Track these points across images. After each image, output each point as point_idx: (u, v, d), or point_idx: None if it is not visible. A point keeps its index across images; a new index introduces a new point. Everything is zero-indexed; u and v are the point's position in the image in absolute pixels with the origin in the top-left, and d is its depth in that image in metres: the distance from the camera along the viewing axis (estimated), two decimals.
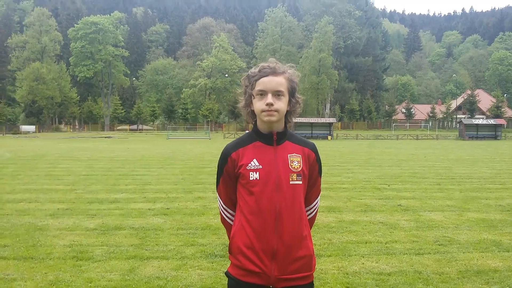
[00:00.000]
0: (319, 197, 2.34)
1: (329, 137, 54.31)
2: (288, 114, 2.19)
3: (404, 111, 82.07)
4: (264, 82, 2.09)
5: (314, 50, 79.25)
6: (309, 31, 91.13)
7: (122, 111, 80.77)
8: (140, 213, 7.94)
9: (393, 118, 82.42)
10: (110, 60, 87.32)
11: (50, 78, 75.69)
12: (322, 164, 2.29)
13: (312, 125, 54.97)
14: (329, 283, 4.53)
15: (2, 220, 7.30)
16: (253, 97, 2.14)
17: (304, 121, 57.32)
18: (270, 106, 2.06)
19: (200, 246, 5.80)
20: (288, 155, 2.13)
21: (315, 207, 2.33)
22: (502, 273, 4.81)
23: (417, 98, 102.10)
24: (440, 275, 4.76)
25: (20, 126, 71.81)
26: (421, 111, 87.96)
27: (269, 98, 2.06)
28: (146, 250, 5.65)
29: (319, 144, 39.25)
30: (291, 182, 2.09)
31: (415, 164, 18.23)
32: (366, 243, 6.00)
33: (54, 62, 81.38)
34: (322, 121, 58.22)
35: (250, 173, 2.09)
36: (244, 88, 2.19)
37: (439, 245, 5.92)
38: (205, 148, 31.60)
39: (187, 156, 22.40)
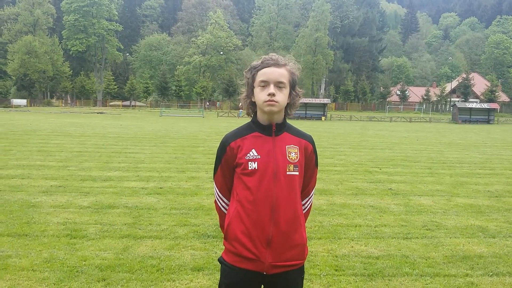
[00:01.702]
0: (314, 188, 2.41)
1: (323, 118, 54.33)
2: (288, 106, 2.23)
3: (399, 93, 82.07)
4: (267, 73, 2.13)
5: (311, 29, 78.65)
6: (306, 10, 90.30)
7: (115, 86, 79.98)
8: (133, 192, 8.00)
9: (387, 100, 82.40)
10: (104, 34, 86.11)
11: (42, 51, 74.61)
12: (315, 146, 2.35)
13: (306, 105, 54.82)
14: (318, 265, 4.63)
15: None
16: (254, 88, 2.18)
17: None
18: (272, 96, 2.10)
19: (193, 227, 5.88)
20: (286, 146, 2.18)
21: (311, 199, 2.40)
22: (486, 259, 4.94)
23: (412, 80, 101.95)
24: (426, 259, 4.88)
25: (11, 100, 71.00)
26: (415, 93, 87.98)
27: (271, 88, 2.10)
28: (140, 229, 5.72)
29: (312, 124, 39.35)
30: (288, 173, 2.15)
31: (408, 147, 18.38)
32: (356, 226, 6.12)
33: (47, 35, 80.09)
34: (316, 101, 58.07)
35: (249, 163, 2.14)
36: (246, 79, 2.23)
37: (427, 230, 6.05)
38: (199, 126, 31.56)
39: (180, 135, 22.39)
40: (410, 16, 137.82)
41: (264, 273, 2.13)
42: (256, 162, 2.13)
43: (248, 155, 2.15)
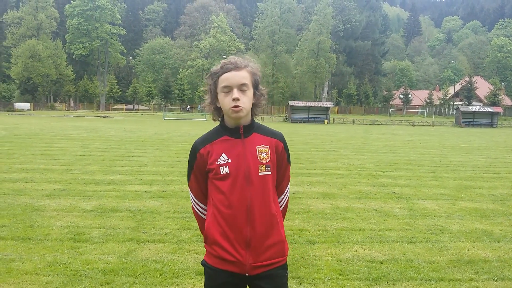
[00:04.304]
0: (289, 184, 2.40)
1: (326, 122, 54.31)
2: (254, 107, 2.22)
3: (402, 96, 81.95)
4: (228, 78, 2.12)
5: (313, 33, 78.62)
6: (309, 13, 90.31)
7: (118, 90, 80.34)
8: (136, 195, 7.99)
9: (390, 103, 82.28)
10: (107, 38, 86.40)
11: (46, 55, 74.87)
12: (317, 149, 2.36)
13: (309, 109, 54.90)
14: (322, 269, 4.61)
15: None
16: (217, 95, 2.17)
17: (301, 105, 57.27)
18: (236, 101, 2.09)
19: (196, 230, 5.85)
20: (257, 147, 2.18)
21: (286, 195, 2.39)
22: (491, 263, 4.90)
23: (415, 84, 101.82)
24: (431, 264, 4.85)
25: (15, 104, 71.25)
26: (418, 97, 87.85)
27: (235, 93, 2.10)
28: (143, 233, 5.71)
29: (315, 128, 39.33)
30: (260, 173, 2.15)
31: (411, 151, 18.33)
32: (359, 230, 6.09)
33: (50, 39, 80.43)
34: (319, 105, 58.12)
35: (220, 167, 2.15)
36: (208, 86, 2.21)
37: (431, 234, 6.01)
38: (201, 130, 31.55)
39: (183, 138, 22.41)
40: (412, 19, 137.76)
41: (246, 274, 2.14)
42: (227, 167, 2.14)
43: (219, 160, 2.15)
